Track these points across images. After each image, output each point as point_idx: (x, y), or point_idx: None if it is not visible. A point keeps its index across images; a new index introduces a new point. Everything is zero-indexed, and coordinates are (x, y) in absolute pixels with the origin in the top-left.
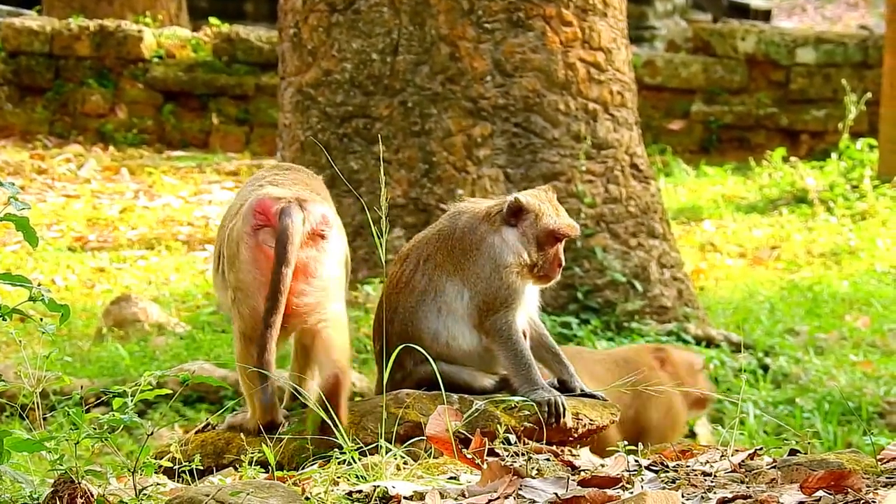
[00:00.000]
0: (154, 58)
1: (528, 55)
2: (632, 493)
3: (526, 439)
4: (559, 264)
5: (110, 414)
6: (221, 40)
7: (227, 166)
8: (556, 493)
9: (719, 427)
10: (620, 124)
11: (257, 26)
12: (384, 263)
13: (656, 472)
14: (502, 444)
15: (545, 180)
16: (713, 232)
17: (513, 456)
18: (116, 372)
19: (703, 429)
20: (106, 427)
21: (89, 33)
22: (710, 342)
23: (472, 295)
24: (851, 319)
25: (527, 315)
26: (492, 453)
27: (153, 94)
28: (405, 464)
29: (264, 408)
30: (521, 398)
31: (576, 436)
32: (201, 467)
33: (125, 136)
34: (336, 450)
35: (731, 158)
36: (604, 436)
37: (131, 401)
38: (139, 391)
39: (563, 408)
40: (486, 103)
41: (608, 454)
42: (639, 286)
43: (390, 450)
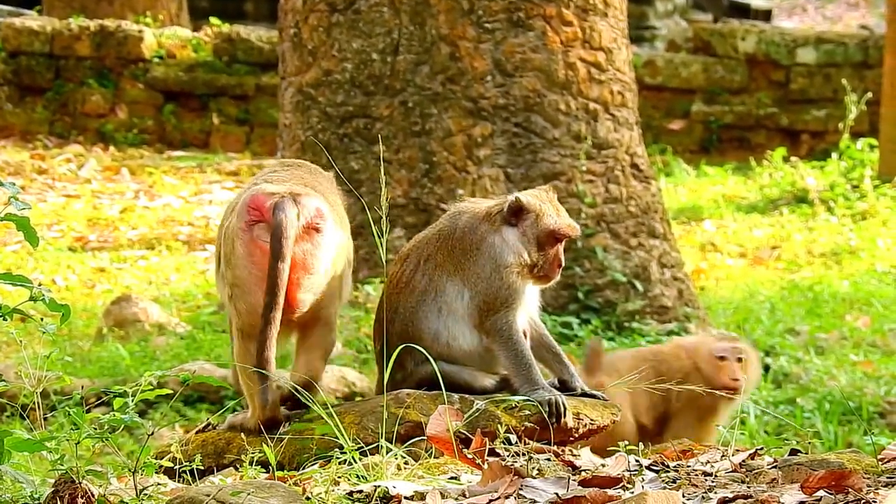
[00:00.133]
0: (154, 58)
1: (529, 55)
2: (632, 492)
3: (527, 439)
4: (559, 264)
5: (111, 414)
6: (222, 40)
7: (228, 166)
8: (557, 493)
9: (720, 427)
10: (621, 124)
11: (257, 26)
12: (384, 263)
13: (657, 471)
14: (503, 444)
15: (545, 180)
16: (713, 232)
17: (513, 456)
18: (117, 372)
19: None
20: (107, 427)
21: (90, 33)
22: None
23: (472, 295)
24: (852, 319)
25: (527, 315)
26: (492, 453)
27: (153, 94)
28: (406, 464)
29: (264, 406)
30: (522, 398)
31: (576, 436)
32: (202, 467)
33: (125, 136)
34: (337, 450)
35: (731, 158)
36: (619, 431)
37: (132, 401)
38: (140, 391)
39: (564, 408)
40: (486, 103)
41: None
42: (639, 286)
43: (391, 450)
